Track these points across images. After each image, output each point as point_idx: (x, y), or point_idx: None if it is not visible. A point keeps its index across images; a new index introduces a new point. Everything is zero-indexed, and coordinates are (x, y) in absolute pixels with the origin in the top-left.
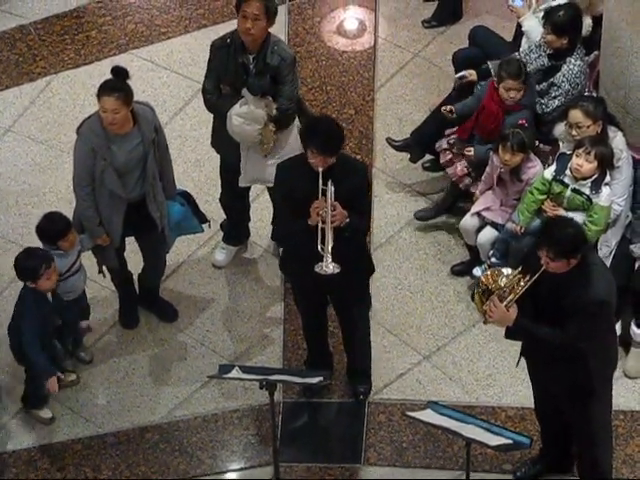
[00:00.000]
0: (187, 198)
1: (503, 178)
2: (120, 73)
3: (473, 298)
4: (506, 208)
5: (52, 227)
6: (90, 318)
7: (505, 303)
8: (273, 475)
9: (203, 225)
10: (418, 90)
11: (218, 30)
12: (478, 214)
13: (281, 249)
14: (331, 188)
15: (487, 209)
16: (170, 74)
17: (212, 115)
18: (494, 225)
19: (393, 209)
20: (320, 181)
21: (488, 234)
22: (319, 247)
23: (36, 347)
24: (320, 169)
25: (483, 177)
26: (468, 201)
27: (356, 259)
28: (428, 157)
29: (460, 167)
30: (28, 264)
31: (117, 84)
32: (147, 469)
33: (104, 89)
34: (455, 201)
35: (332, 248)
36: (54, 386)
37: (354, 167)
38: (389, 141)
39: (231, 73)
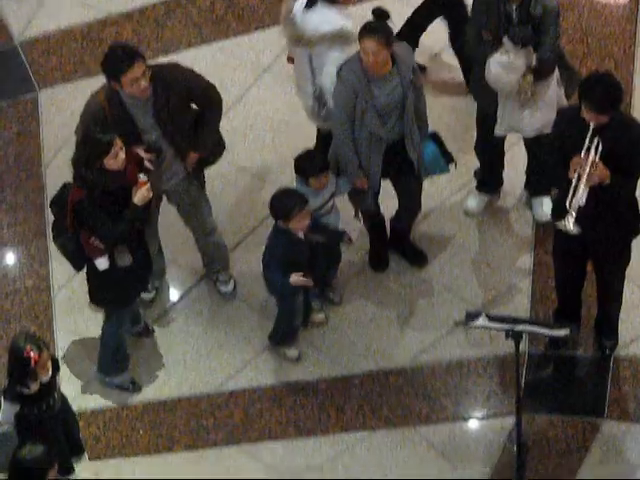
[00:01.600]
0: (436, 139)
1: None
2: (382, 15)
3: None
4: None
5: (309, 163)
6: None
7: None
8: (514, 425)
9: (450, 166)
10: None
11: None
12: None
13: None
14: (597, 146)
15: None
16: None
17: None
18: None
19: None
20: (588, 137)
21: None
22: (567, 203)
23: (273, 268)
24: (592, 125)
25: None
26: None
27: (620, 218)
28: None
29: None
30: (283, 203)
31: (378, 26)
32: (389, 412)
33: (365, 30)
34: None
35: (595, 206)
36: (298, 279)
37: (630, 128)
38: None
39: (493, 21)
